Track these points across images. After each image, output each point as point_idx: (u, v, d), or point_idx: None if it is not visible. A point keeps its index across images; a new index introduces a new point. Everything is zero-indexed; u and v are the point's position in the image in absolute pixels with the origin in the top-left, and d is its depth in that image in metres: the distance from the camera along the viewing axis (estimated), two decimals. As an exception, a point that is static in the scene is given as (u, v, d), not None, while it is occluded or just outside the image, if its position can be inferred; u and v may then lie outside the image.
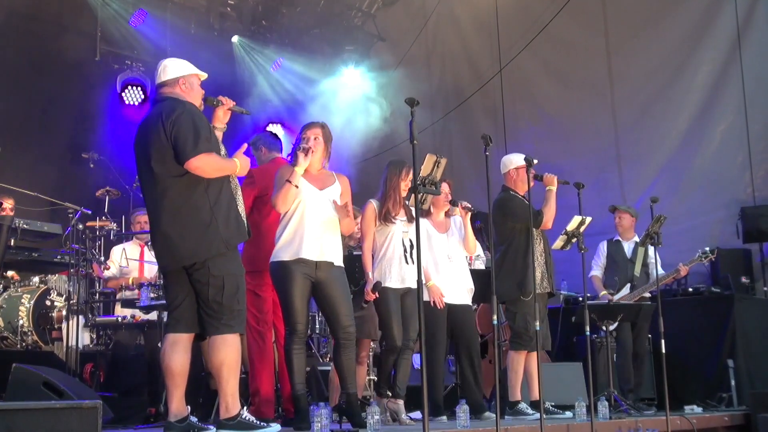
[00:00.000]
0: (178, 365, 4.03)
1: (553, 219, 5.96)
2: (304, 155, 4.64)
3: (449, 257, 5.80)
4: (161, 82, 4.21)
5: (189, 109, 4.05)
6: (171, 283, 4.14)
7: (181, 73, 4.20)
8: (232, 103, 4.31)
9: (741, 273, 8.42)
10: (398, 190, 5.30)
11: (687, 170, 9.29)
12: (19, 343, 6.71)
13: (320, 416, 4.21)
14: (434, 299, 5.63)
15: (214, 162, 4.00)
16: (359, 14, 11.75)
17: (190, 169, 3.94)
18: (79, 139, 8.89)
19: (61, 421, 3.19)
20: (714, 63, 9.20)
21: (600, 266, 7.20)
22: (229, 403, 4.03)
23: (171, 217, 4.00)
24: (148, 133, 4.06)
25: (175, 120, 3.97)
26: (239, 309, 4.07)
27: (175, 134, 3.94)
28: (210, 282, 4.00)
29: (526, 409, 5.77)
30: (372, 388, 6.38)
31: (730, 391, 7.29)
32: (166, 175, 4.00)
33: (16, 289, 6.99)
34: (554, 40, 10.10)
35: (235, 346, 4.06)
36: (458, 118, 11.25)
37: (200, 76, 4.28)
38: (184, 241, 3.99)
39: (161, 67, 4.23)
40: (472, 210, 5.74)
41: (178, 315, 4.09)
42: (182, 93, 4.16)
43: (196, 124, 3.98)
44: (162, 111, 4.05)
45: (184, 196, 4.00)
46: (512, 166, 6.07)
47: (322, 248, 4.72)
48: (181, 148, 3.93)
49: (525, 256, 5.84)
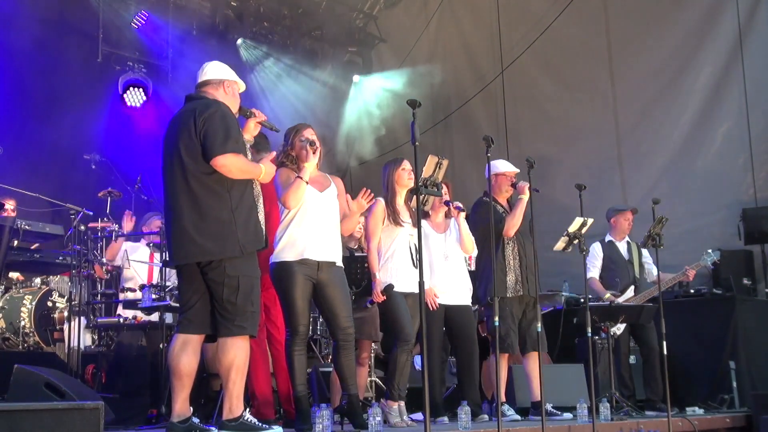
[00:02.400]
0: (187, 366, 4.04)
1: (515, 227, 5.96)
2: (313, 152, 4.64)
3: (446, 257, 5.81)
4: (204, 81, 4.27)
5: (223, 110, 4.10)
6: (185, 284, 4.14)
7: (228, 77, 4.30)
8: (264, 117, 4.39)
9: (742, 274, 8.41)
10: (392, 184, 5.33)
11: (688, 171, 9.28)
12: (20, 344, 6.71)
13: (322, 417, 4.22)
14: (426, 300, 5.62)
15: (240, 162, 4.03)
16: (361, 15, 11.77)
17: (215, 166, 3.96)
18: (80, 141, 8.89)
19: (63, 422, 3.20)
20: (715, 64, 9.20)
21: (597, 268, 7.18)
22: (233, 404, 4.04)
23: (191, 212, 4.02)
24: (179, 127, 4.10)
25: (207, 117, 4.01)
26: (252, 311, 4.08)
27: (206, 131, 3.98)
28: (225, 282, 4.01)
29: (507, 410, 5.77)
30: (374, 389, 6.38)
31: (732, 393, 7.28)
32: (193, 171, 4.02)
33: (17, 290, 7.00)
34: (556, 41, 10.11)
35: (245, 348, 4.06)
36: (460, 119, 11.26)
37: (241, 86, 4.37)
38: (200, 237, 4.00)
39: (207, 67, 4.31)
40: (463, 210, 5.76)
41: (191, 316, 4.10)
42: (224, 96, 4.24)
43: (227, 124, 4.03)
44: (196, 107, 4.09)
45: (207, 193, 4.02)
46: (492, 172, 6.10)
47: (324, 248, 4.72)
48: (210, 144, 3.96)
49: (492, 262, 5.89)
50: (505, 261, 5.96)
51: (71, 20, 9.33)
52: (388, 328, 5.42)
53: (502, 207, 6.14)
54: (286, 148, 4.81)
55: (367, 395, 6.08)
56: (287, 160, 4.79)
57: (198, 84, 4.31)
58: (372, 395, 6.35)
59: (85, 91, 9.30)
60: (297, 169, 4.70)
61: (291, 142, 4.80)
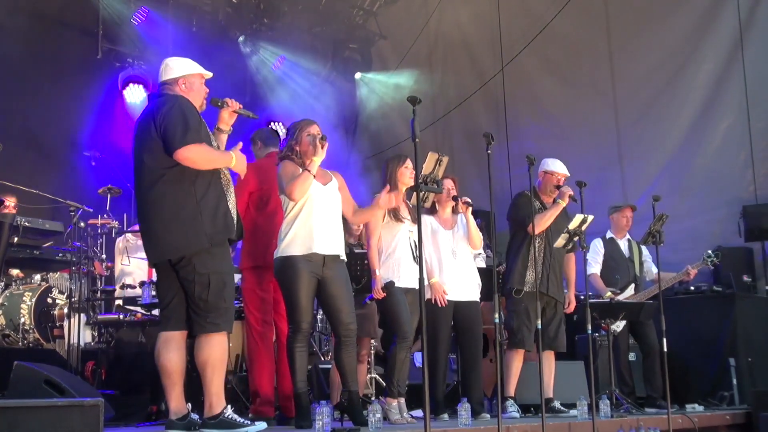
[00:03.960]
0: (173, 363, 4.01)
1: (540, 228, 5.93)
2: (321, 146, 4.64)
3: (454, 253, 5.80)
4: (162, 81, 4.21)
5: (180, 103, 4.03)
6: (161, 281, 4.13)
7: (182, 73, 4.18)
8: (238, 105, 4.26)
9: (743, 271, 8.42)
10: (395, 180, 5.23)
11: (689, 169, 9.28)
12: (20, 341, 6.71)
13: (321, 414, 4.20)
14: (436, 297, 5.62)
15: (204, 152, 3.97)
16: (361, 12, 11.75)
17: (179, 159, 3.90)
18: (80, 137, 8.89)
19: (63, 419, 3.19)
20: (716, 61, 9.19)
21: (599, 264, 7.18)
22: (213, 402, 4.01)
23: (156, 210, 3.98)
24: (140, 128, 4.07)
25: (165, 113, 3.95)
26: (226, 307, 4.03)
27: (165, 126, 3.93)
28: (195, 279, 3.97)
29: (510, 407, 5.77)
30: (373, 386, 6.37)
31: (732, 390, 7.29)
32: (155, 168, 3.98)
33: (17, 287, 7.00)
34: (556, 38, 10.09)
35: (220, 345, 4.02)
36: (460, 116, 11.25)
37: (204, 75, 4.25)
38: (168, 235, 3.96)
39: (163, 66, 4.22)
40: (471, 205, 5.75)
41: (168, 313, 4.08)
42: (181, 93, 4.14)
43: (185, 115, 3.95)
44: (155, 106, 4.06)
45: (171, 189, 3.97)
46: (541, 168, 6.19)
47: (330, 242, 4.72)
48: (170, 139, 3.91)
49: (517, 255, 5.95)
50: (529, 256, 5.92)
51: (71, 16, 9.32)
52: (387, 324, 5.41)
53: (541, 205, 6.12)
54: (291, 143, 4.80)
55: (366, 392, 6.08)
56: (292, 154, 4.78)
57: (159, 84, 4.24)
58: (371, 392, 6.34)
59: (84, 87, 9.29)
60: (302, 163, 4.69)
61: (297, 137, 4.79)
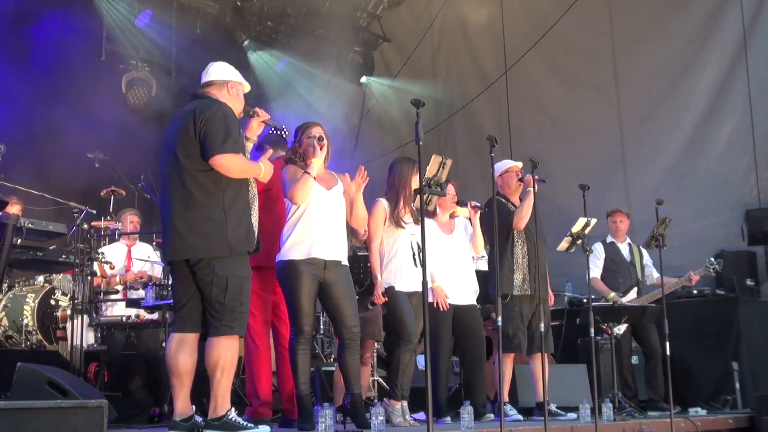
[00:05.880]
0: (185, 365, 4.05)
1: (523, 220, 5.93)
2: (320, 148, 4.65)
3: (455, 258, 5.80)
4: (208, 81, 4.28)
5: (224, 110, 4.10)
6: (178, 282, 4.16)
7: (232, 78, 4.31)
8: (267, 116, 4.38)
9: (746, 275, 8.41)
10: (409, 187, 5.27)
11: (692, 172, 9.27)
12: (23, 342, 6.71)
13: (324, 417, 4.20)
14: (438, 301, 5.62)
15: (239, 162, 4.04)
16: (364, 15, 11.77)
17: (214, 165, 3.97)
18: (84, 139, 8.89)
19: (66, 421, 3.20)
20: (720, 65, 9.18)
21: (599, 267, 7.18)
22: (218, 403, 4.03)
23: (183, 210, 4.03)
24: (178, 126, 4.11)
25: (208, 117, 4.01)
26: (241, 311, 4.07)
27: (206, 130, 3.99)
28: (214, 281, 4.01)
29: (510, 410, 5.77)
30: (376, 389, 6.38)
31: (735, 394, 7.27)
32: (188, 167, 4.02)
33: (20, 288, 7.00)
34: (560, 41, 10.10)
35: (232, 348, 4.05)
36: (463, 119, 11.25)
37: (245, 87, 4.37)
38: (190, 235, 4.00)
39: (212, 67, 4.32)
40: (482, 209, 5.75)
41: (184, 314, 4.11)
42: (228, 97, 4.23)
43: (228, 124, 4.03)
44: (197, 107, 4.10)
45: (200, 192, 4.02)
46: (497, 174, 6.13)
47: (331, 247, 4.72)
48: (209, 143, 3.97)
49: (502, 261, 5.92)
50: (514, 259, 5.94)
51: (75, 19, 9.33)
52: (391, 327, 5.41)
53: (514, 205, 6.12)
54: (294, 145, 4.82)
55: (369, 395, 6.08)
56: (295, 157, 4.79)
57: (202, 84, 4.32)
58: (374, 395, 6.34)
59: (88, 89, 9.29)
60: (304, 165, 4.70)
61: (299, 139, 4.81)
